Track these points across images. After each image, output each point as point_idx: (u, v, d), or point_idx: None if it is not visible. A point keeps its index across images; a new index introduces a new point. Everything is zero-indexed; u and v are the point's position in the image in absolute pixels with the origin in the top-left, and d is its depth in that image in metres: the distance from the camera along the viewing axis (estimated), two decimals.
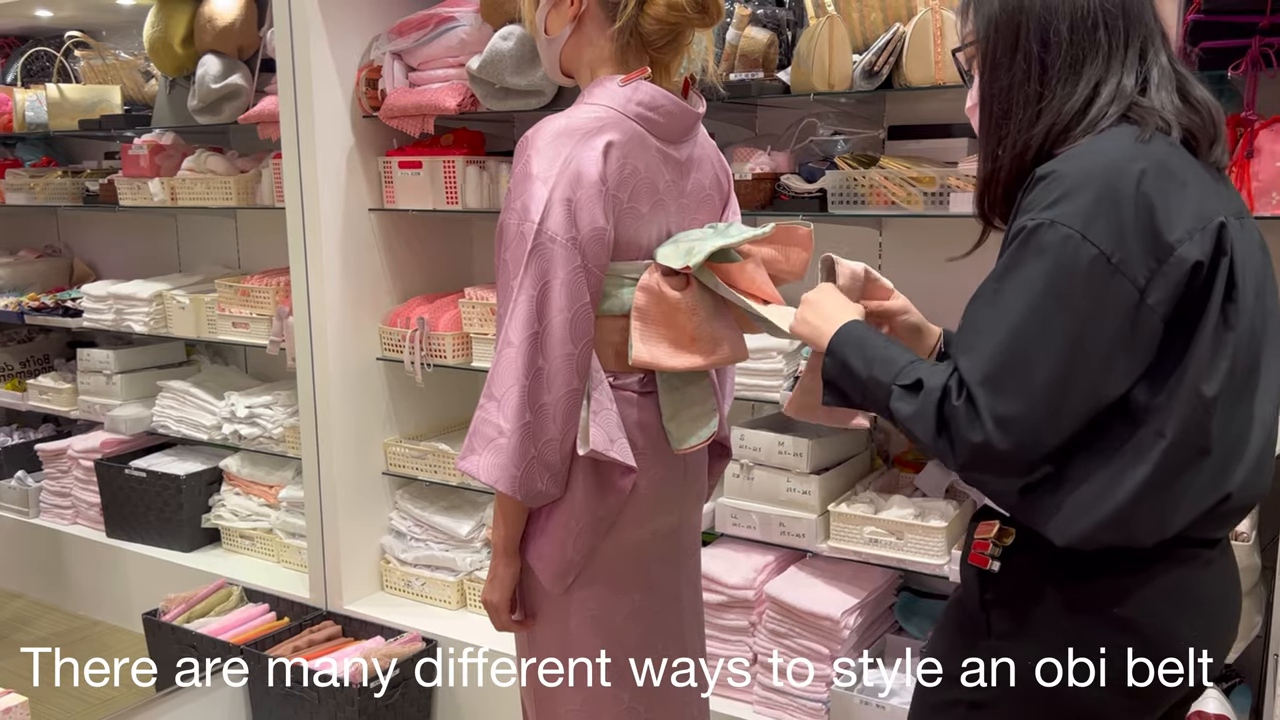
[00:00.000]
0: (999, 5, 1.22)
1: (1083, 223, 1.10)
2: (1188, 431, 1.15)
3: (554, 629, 1.57)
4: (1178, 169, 1.15)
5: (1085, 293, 1.11)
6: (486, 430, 1.42)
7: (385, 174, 2.81)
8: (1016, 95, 1.21)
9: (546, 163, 1.41)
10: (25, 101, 3.57)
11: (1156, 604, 1.19)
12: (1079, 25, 1.19)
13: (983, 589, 1.26)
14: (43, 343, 4.02)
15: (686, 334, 1.49)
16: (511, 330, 1.41)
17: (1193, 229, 1.13)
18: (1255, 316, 1.19)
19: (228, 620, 2.91)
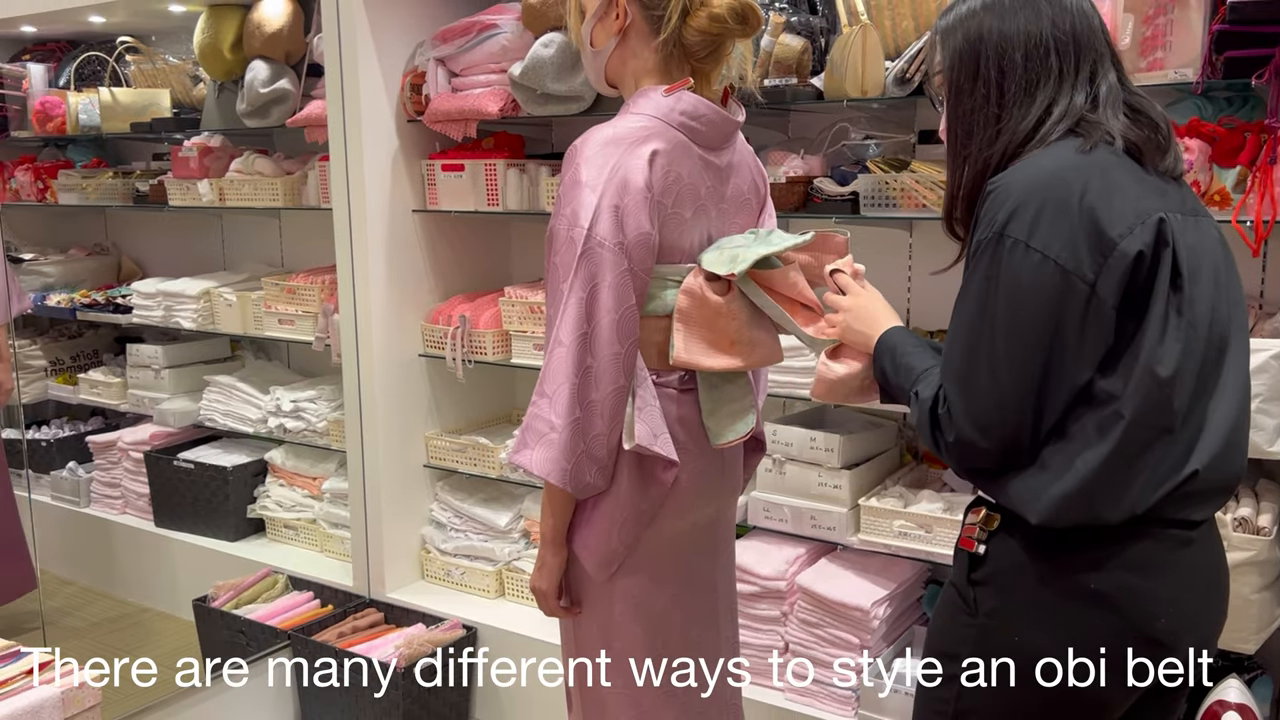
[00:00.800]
0: (962, 37, 1.35)
1: (1029, 232, 1.23)
2: (1147, 411, 1.24)
3: (598, 615, 1.64)
4: (1117, 174, 1.27)
5: (1038, 295, 1.23)
6: (539, 425, 1.50)
7: (428, 176, 2.90)
8: (978, 118, 1.34)
9: (595, 170, 1.48)
10: (78, 105, 3.69)
11: (1129, 578, 1.26)
12: (1033, 52, 1.31)
13: (970, 569, 1.35)
14: (92, 338, 4.14)
15: (726, 337, 1.57)
16: (562, 330, 1.48)
17: (1133, 224, 1.24)
18: (1217, 305, 1.29)
19: (274, 607, 3.01)
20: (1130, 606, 1.26)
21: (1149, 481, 1.25)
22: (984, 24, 1.33)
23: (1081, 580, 1.27)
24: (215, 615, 3.00)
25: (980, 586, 1.33)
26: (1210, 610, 1.35)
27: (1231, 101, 2.07)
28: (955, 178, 1.38)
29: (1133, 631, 1.26)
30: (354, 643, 2.79)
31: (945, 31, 1.37)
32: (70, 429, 4.03)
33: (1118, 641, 1.27)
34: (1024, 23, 1.32)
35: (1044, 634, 1.28)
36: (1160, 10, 1.95)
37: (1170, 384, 1.24)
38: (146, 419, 3.70)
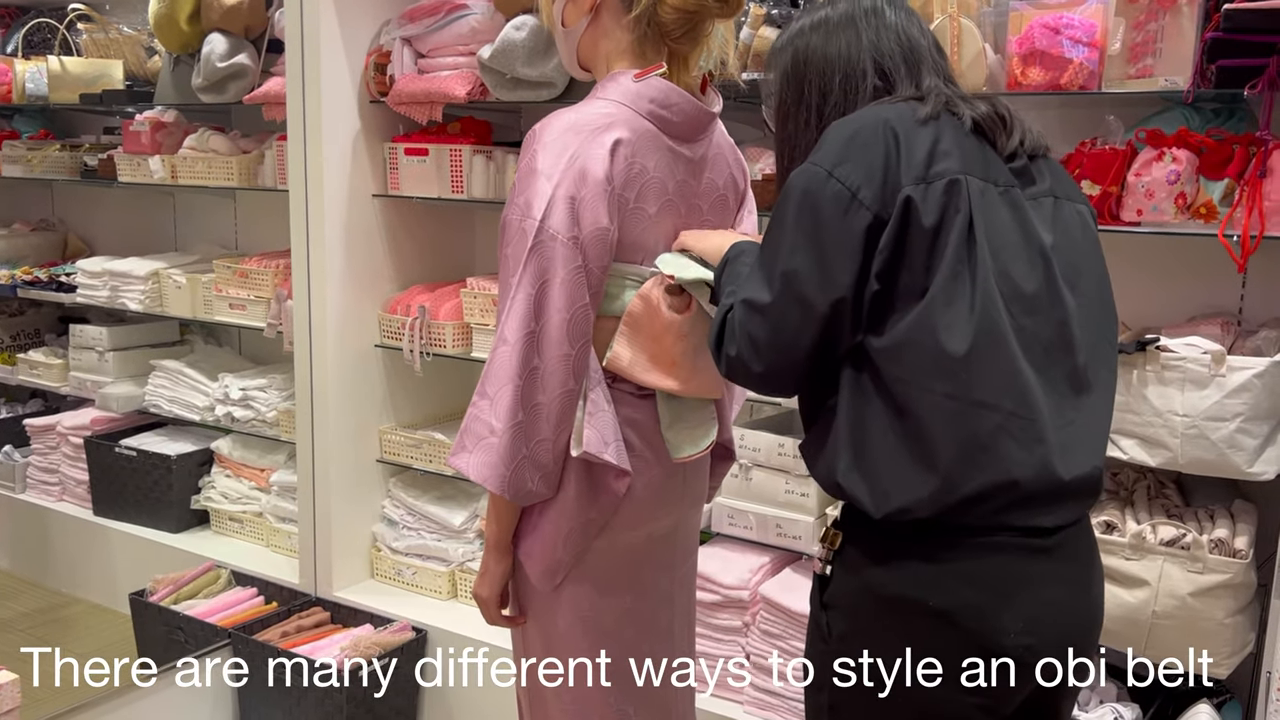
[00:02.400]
0: (790, 60, 1.35)
1: (832, 163, 1.21)
2: (935, 391, 1.17)
3: (543, 627, 1.56)
4: (942, 134, 1.23)
5: (825, 216, 1.20)
6: (478, 428, 1.42)
7: (390, 160, 2.80)
8: (799, 141, 1.33)
9: (552, 159, 1.40)
10: (25, 73, 3.54)
11: (970, 594, 1.19)
12: (851, 74, 1.31)
13: (821, 593, 1.30)
14: (34, 317, 3.99)
15: (668, 356, 1.49)
16: (508, 328, 1.40)
17: (919, 176, 1.20)
18: (1045, 296, 1.23)
19: (215, 603, 2.89)
20: (974, 623, 1.18)
21: (952, 478, 1.16)
22: (809, 45, 1.34)
23: (921, 598, 1.19)
24: (153, 610, 2.87)
25: (829, 610, 1.29)
26: (1077, 619, 1.26)
27: (1219, 113, 2.03)
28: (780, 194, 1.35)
29: (980, 648, 1.19)
30: (298, 643, 2.69)
31: (775, 54, 1.38)
32: (7, 411, 3.88)
33: (965, 658, 1.19)
34: (844, 45, 1.32)
35: (892, 656, 1.21)
36: (1151, 15, 1.90)
37: (964, 361, 1.16)
38: (88, 403, 3.56)
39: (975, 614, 1.19)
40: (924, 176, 1.20)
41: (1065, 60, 1.95)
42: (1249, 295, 2.16)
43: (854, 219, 1.19)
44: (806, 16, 1.37)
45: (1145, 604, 1.90)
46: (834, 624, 1.28)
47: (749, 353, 1.25)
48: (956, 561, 1.19)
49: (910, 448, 1.19)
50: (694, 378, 1.52)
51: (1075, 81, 1.96)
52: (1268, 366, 1.81)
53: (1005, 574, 1.19)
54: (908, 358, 1.19)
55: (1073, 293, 1.26)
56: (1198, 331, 1.98)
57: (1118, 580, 1.92)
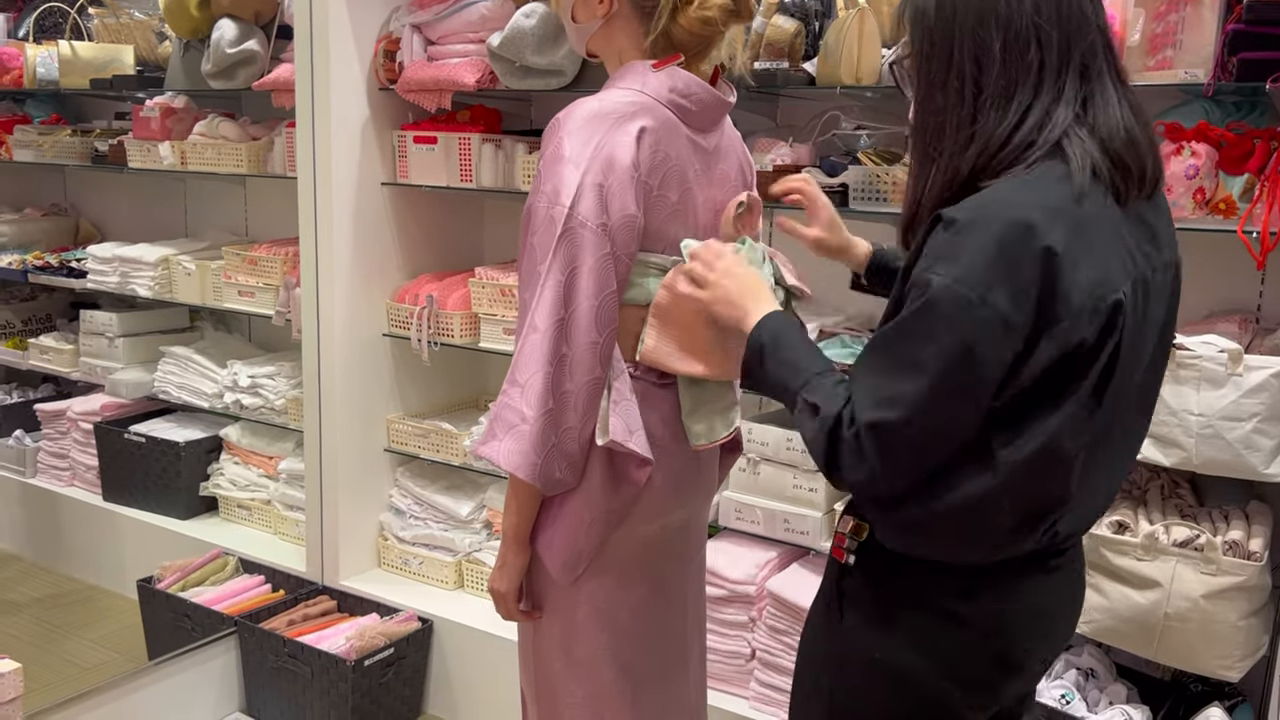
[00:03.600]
0: (934, 17, 1.16)
1: (985, 287, 1.07)
2: (1037, 483, 1.15)
3: (560, 620, 1.55)
4: (1092, 232, 1.11)
5: (977, 352, 1.09)
6: (509, 416, 1.40)
7: (399, 148, 2.78)
8: (951, 117, 1.16)
9: (579, 146, 1.38)
10: (37, 58, 3.53)
11: (996, 606, 1.22)
12: (1012, 45, 1.13)
13: (838, 579, 1.30)
14: (45, 302, 3.99)
15: (699, 343, 1.46)
16: (538, 315, 1.38)
17: (1085, 307, 1.10)
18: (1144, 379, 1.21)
19: (223, 590, 2.89)
20: (995, 632, 1.23)
21: (1014, 536, 1.19)
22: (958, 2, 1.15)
23: (947, 604, 1.22)
24: (160, 597, 2.87)
25: (845, 598, 1.29)
26: (1068, 625, 1.32)
27: (1240, 106, 1.98)
28: (921, 182, 1.20)
29: (993, 654, 1.23)
30: (304, 631, 2.68)
31: (914, 8, 1.19)
32: (18, 396, 3.89)
33: (977, 662, 1.24)
34: (1003, 3, 1.13)
35: (904, 650, 1.24)
36: (1172, 6, 1.86)
37: (1071, 458, 1.16)
38: (98, 389, 3.56)
39: (997, 624, 1.22)
40: (1085, 305, 1.10)
41: None
42: (1268, 293, 2.12)
43: (1004, 347, 1.09)
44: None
45: (1157, 605, 1.87)
46: (849, 612, 1.28)
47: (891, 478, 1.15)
48: (985, 576, 1.21)
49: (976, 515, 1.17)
50: (727, 362, 1.50)
51: None
52: None
53: (1026, 589, 1.23)
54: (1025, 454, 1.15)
55: (1152, 373, 1.24)
56: (1215, 329, 1.95)
57: (1129, 581, 1.89)
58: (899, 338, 1.14)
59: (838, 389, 1.20)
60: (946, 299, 1.08)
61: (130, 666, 2.67)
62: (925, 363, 1.10)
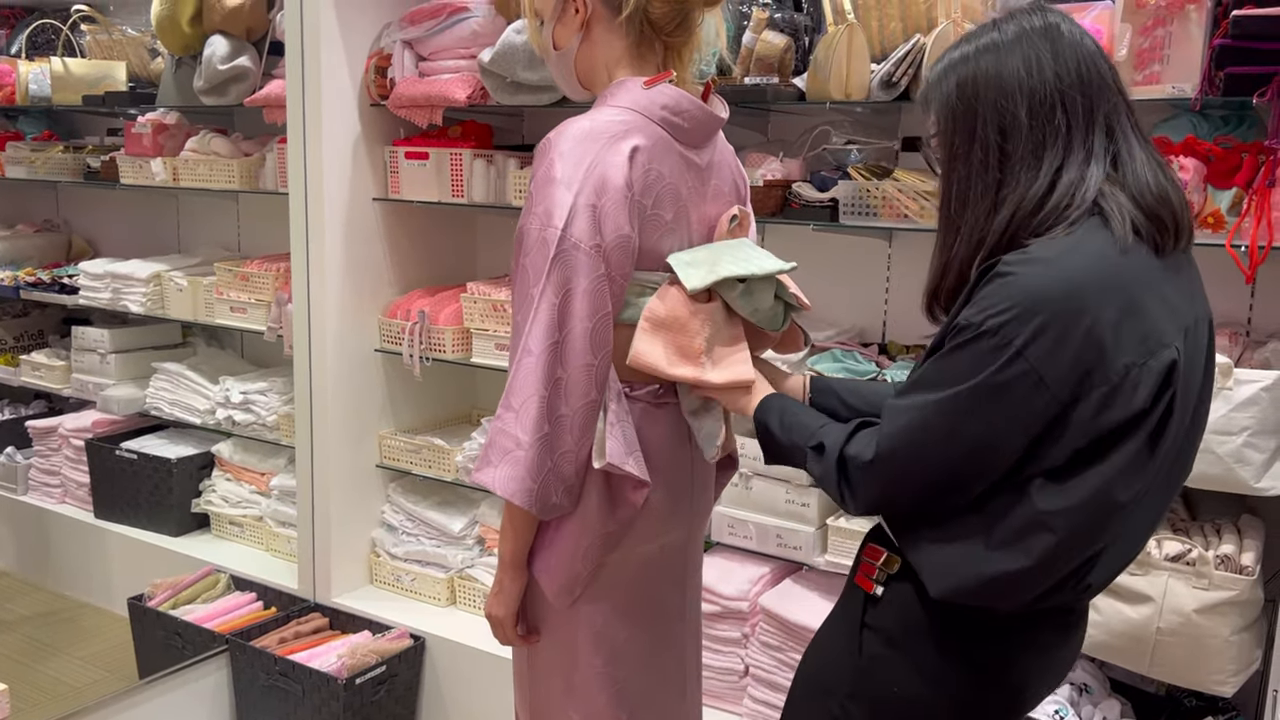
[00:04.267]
0: (956, 94, 1.19)
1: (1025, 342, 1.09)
2: (1079, 534, 1.15)
3: (557, 644, 1.53)
4: (1140, 291, 1.13)
5: (1008, 408, 1.11)
6: (504, 442, 1.39)
7: (391, 164, 2.78)
8: (975, 185, 1.18)
9: (571, 166, 1.37)
10: (29, 74, 3.53)
11: (1016, 655, 1.24)
12: (1037, 110, 1.15)
13: (864, 611, 1.29)
14: (38, 318, 3.99)
15: (694, 348, 1.46)
16: (532, 339, 1.37)
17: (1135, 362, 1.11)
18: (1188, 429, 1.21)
19: (214, 608, 2.88)
20: (1011, 679, 1.26)
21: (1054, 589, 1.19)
22: (980, 70, 1.17)
23: (970, 649, 1.24)
24: (151, 615, 2.86)
25: (869, 630, 1.29)
26: (1072, 660, 1.34)
27: (1228, 120, 1.99)
28: (944, 253, 1.22)
29: (1005, 696, 1.26)
30: (295, 649, 2.67)
31: (933, 86, 1.22)
32: (10, 412, 3.88)
33: (992, 706, 1.26)
34: (1023, 69, 1.15)
35: (923, 689, 1.25)
36: (1159, 22, 1.87)
37: (1121, 509, 1.16)
38: (90, 405, 3.55)
39: (1014, 672, 1.25)
40: (1136, 364, 1.11)
41: None
42: (1258, 306, 2.12)
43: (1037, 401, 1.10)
44: (968, 42, 1.21)
45: (1149, 620, 1.86)
46: (870, 644, 1.28)
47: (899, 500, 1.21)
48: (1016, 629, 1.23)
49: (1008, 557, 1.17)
50: (719, 366, 1.49)
51: None
52: (1276, 379, 1.78)
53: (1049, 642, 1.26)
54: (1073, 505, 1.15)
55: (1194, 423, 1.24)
56: None
57: (1121, 596, 1.89)
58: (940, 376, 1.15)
59: (840, 428, 1.27)
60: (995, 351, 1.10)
61: (120, 685, 2.66)
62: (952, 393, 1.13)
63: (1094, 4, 1.95)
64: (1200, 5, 1.83)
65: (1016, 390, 1.11)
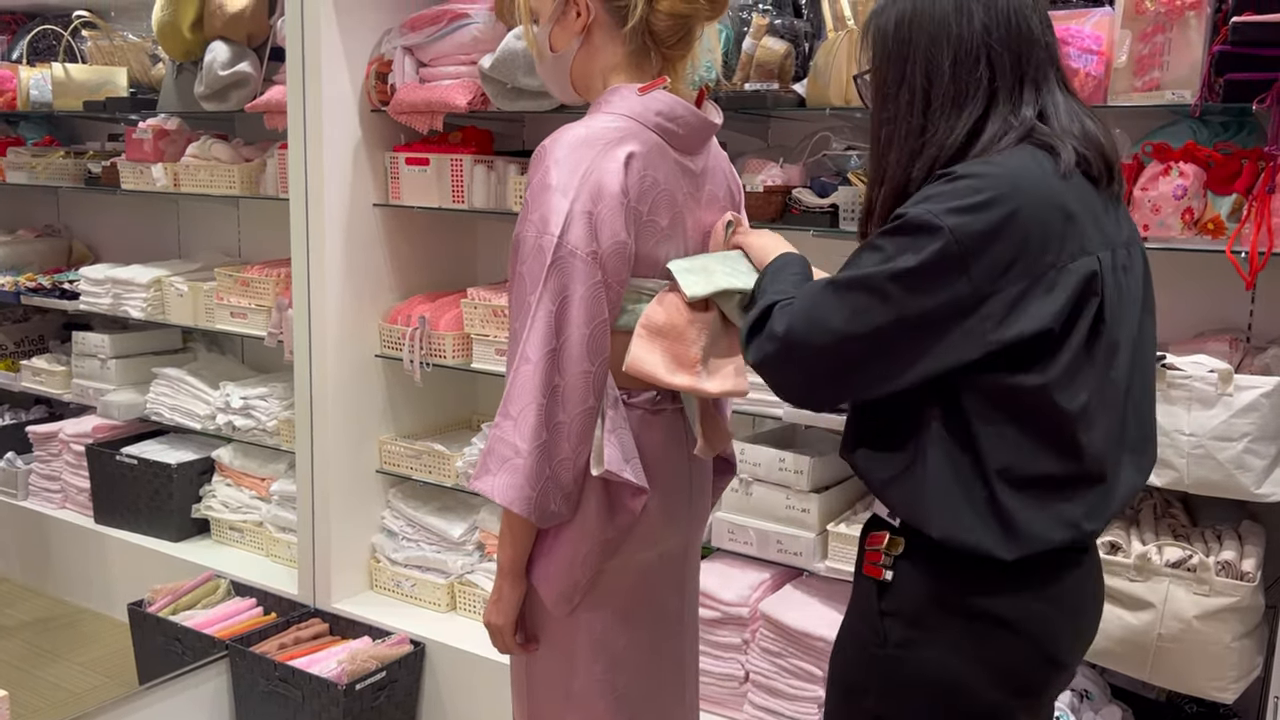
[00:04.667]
0: (891, 37, 1.24)
1: (958, 221, 1.13)
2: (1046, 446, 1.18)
3: (556, 652, 1.53)
4: (1072, 203, 1.18)
5: (925, 293, 1.14)
6: (502, 450, 1.39)
7: (391, 169, 2.78)
8: (899, 127, 1.23)
9: (566, 173, 1.37)
10: (30, 80, 3.54)
11: (1038, 606, 1.24)
12: (962, 60, 1.20)
13: (879, 598, 1.29)
14: (38, 323, 3.99)
15: (690, 355, 1.46)
16: (529, 346, 1.37)
17: (1054, 264, 1.16)
18: (1132, 354, 1.25)
19: (214, 614, 2.88)
20: (1041, 633, 1.25)
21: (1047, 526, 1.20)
22: (914, 9, 1.22)
23: (992, 608, 1.23)
24: (151, 621, 2.86)
25: (889, 617, 1.28)
26: (1096, 622, 1.35)
27: (1228, 126, 1.99)
28: (874, 189, 1.28)
29: (1041, 655, 1.26)
30: (296, 655, 2.67)
31: (872, 17, 1.27)
32: (10, 417, 3.88)
33: (1029, 665, 1.25)
34: (953, 19, 1.20)
35: (956, 662, 1.24)
36: (1159, 28, 1.87)
37: (1076, 420, 1.19)
38: (91, 410, 3.55)
39: (1041, 624, 1.24)
40: (1055, 262, 1.16)
41: (1071, 70, 1.92)
42: (1258, 312, 2.12)
43: (954, 286, 1.14)
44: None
45: (1150, 627, 1.86)
46: (893, 629, 1.27)
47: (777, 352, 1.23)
48: (1026, 577, 1.23)
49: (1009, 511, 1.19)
50: (715, 376, 1.49)
51: (1081, 93, 1.92)
52: (1276, 385, 1.78)
53: (1062, 586, 1.26)
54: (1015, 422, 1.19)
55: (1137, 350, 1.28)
56: (1205, 349, 1.95)
57: (1122, 602, 1.88)
58: (869, 248, 1.20)
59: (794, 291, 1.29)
60: (916, 217, 1.15)
61: (120, 691, 2.66)
62: (874, 270, 1.16)
63: (1094, 10, 1.95)
64: (1200, 11, 1.83)
65: (935, 270, 1.13)
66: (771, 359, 1.25)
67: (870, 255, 1.18)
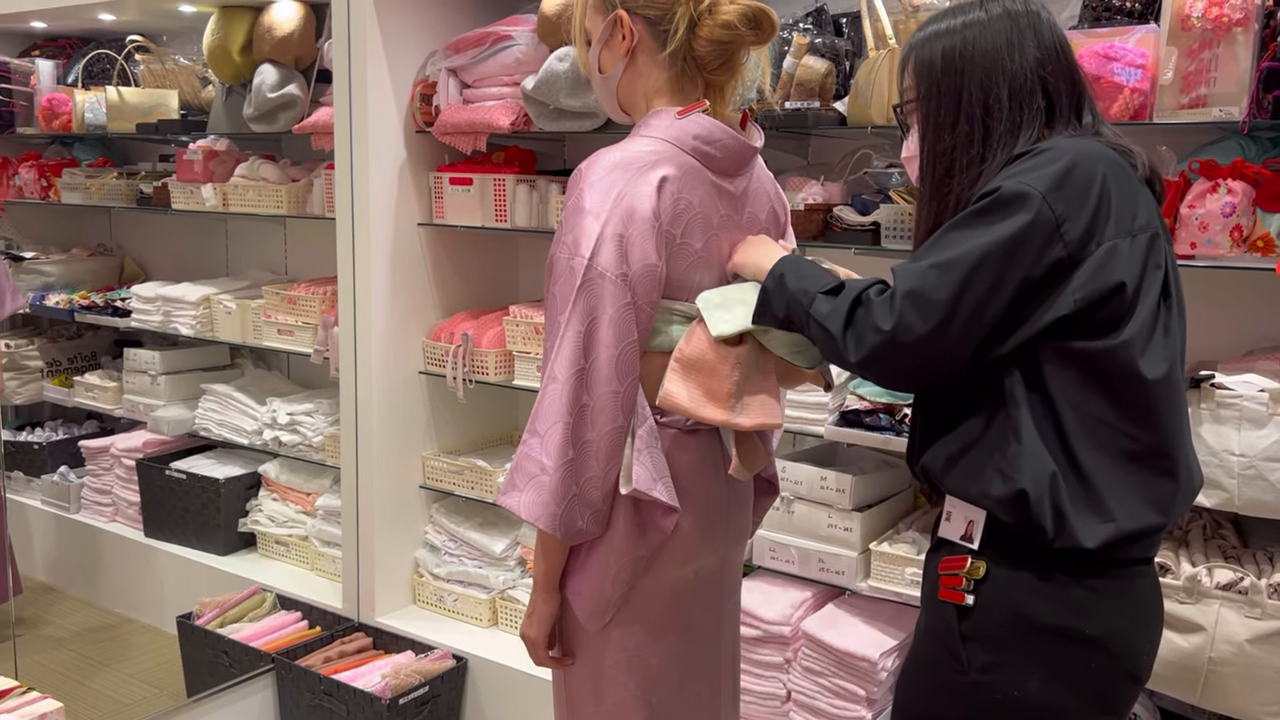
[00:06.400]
0: (941, 69, 1.28)
1: (1046, 187, 1.19)
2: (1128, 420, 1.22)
3: (590, 666, 1.55)
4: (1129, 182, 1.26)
5: (1022, 259, 1.19)
6: (529, 466, 1.41)
7: (435, 189, 2.82)
8: (960, 157, 1.27)
9: (599, 197, 1.40)
10: (85, 103, 3.63)
11: (1118, 622, 1.26)
12: (1017, 92, 1.26)
13: (958, 623, 1.29)
14: (91, 340, 4.08)
15: (724, 389, 1.47)
16: (557, 366, 1.39)
17: (1128, 229, 1.22)
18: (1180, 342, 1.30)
19: (260, 627, 2.92)
20: (1122, 648, 1.26)
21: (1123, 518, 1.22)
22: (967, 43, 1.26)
23: (1076, 627, 1.24)
24: (199, 634, 2.90)
25: (970, 641, 1.27)
26: (1159, 636, 1.36)
27: (1276, 143, 1.97)
28: (930, 212, 1.31)
29: (1124, 670, 1.27)
30: (340, 669, 2.70)
31: (916, 49, 1.31)
32: (64, 432, 3.96)
33: (1113, 681, 1.27)
34: (1007, 52, 1.25)
35: (1044, 683, 1.24)
36: (1205, 45, 1.86)
37: (1154, 389, 1.22)
38: (141, 425, 3.62)
39: (1124, 640, 1.26)
40: (1130, 229, 1.22)
41: (1117, 88, 1.91)
42: None
43: (1050, 251, 1.19)
44: (954, 16, 1.29)
45: (1200, 650, 1.83)
46: (976, 655, 1.27)
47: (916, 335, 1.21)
48: (1109, 590, 1.25)
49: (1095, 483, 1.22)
50: (750, 408, 1.50)
51: (1127, 111, 1.92)
52: None
53: (1138, 597, 1.28)
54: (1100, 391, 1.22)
55: None
56: (1255, 368, 1.92)
57: (1172, 624, 1.86)
58: (963, 222, 1.22)
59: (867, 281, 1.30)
60: (1012, 193, 1.18)
61: (169, 703, 2.70)
62: (973, 244, 1.19)
63: (1139, 27, 1.94)
64: (1247, 28, 1.81)
65: (1034, 235, 1.18)
66: (881, 350, 1.24)
67: (964, 232, 1.21)
